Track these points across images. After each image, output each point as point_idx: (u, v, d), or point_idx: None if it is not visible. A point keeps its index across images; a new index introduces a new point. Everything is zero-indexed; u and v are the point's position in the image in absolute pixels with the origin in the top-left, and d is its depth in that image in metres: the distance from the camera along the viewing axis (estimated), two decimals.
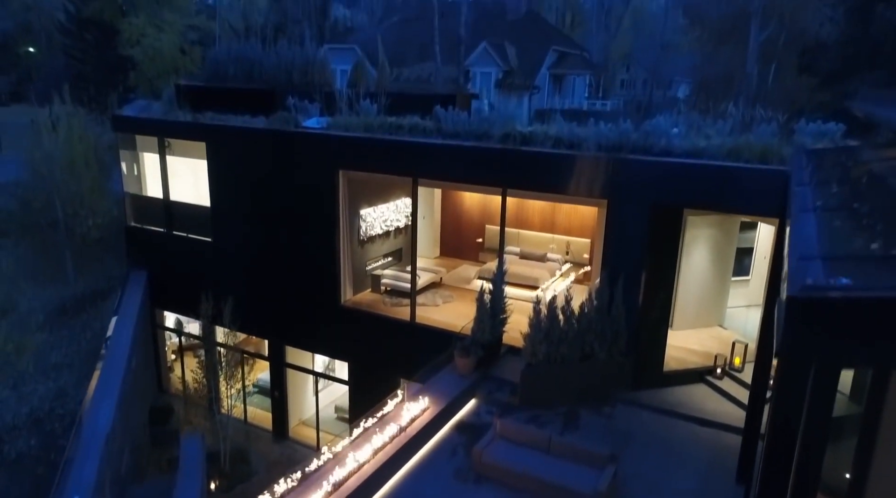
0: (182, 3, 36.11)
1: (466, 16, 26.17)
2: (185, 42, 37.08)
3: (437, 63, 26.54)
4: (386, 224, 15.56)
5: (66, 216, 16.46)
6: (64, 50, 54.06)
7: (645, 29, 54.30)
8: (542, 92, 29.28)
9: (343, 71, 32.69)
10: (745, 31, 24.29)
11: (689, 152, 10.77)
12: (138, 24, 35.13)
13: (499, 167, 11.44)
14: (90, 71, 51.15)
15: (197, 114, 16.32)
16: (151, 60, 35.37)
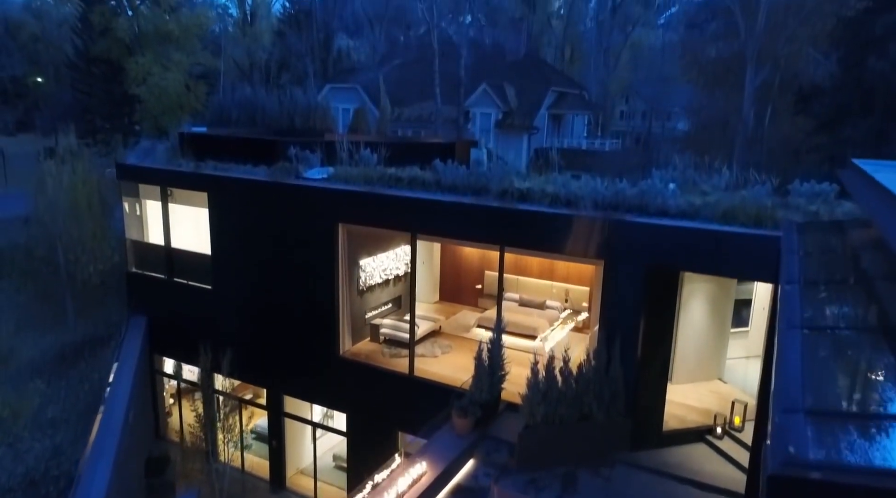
0: (188, 43, 36.77)
1: (466, 58, 26.66)
2: (189, 78, 37.68)
3: (437, 103, 26.92)
4: (385, 273, 15.64)
5: (67, 262, 16.58)
6: (71, 84, 55.02)
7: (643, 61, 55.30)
8: (542, 131, 29.64)
9: (345, 110, 33.21)
10: (740, 73, 24.69)
11: (684, 212, 10.90)
12: (144, 64, 35.73)
13: (496, 225, 11.55)
14: (96, 104, 51.99)
15: (199, 162, 16.54)
16: (157, 98, 35.91)
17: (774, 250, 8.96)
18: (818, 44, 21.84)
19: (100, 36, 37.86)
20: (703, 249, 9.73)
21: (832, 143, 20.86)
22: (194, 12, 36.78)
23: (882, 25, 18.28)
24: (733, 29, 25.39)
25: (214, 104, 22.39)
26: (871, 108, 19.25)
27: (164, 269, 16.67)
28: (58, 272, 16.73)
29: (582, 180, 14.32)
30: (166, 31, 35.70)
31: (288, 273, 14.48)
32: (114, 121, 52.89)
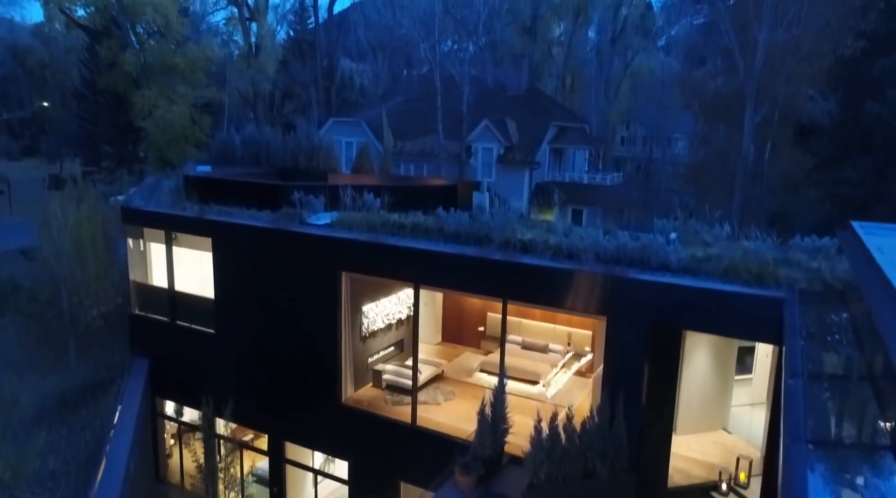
0: (194, 76, 37.25)
1: (468, 95, 26.98)
2: (194, 109, 38.09)
3: (439, 139, 27.16)
4: (388, 317, 15.67)
5: (71, 305, 16.64)
6: (77, 113, 55.69)
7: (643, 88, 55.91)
8: (543, 165, 29.87)
9: (348, 143, 33.56)
10: (739, 110, 24.94)
11: (686, 267, 10.96)
12: (150, 96, 36.15)
13: (499, 278, 11.61)
14: (101, 133, 52.54)
15: (204, 205, 16.69)
16: (162, 131, 36.27)
17: (776, 311, 9.01)
18: (816, 83, 22.12)
19: (107, 69, 38.40)
20: (705, 308, 9.76)
21: (832, 182, 21.00)
22: (200, 46, 37.30)
23: (879, 69, 18.54)
24: (732, 66, 25.74)
25: (219, 142, 22.62)
26: (870, 148, 19.43)
27: (167, 311, 16.70)
28: (61, 315, 16.78)
29: (583, 230, 14.44)
30: (172, 65, 36.19)
31: (291, 319, 14.52)
32: (119, 149, 53.50)
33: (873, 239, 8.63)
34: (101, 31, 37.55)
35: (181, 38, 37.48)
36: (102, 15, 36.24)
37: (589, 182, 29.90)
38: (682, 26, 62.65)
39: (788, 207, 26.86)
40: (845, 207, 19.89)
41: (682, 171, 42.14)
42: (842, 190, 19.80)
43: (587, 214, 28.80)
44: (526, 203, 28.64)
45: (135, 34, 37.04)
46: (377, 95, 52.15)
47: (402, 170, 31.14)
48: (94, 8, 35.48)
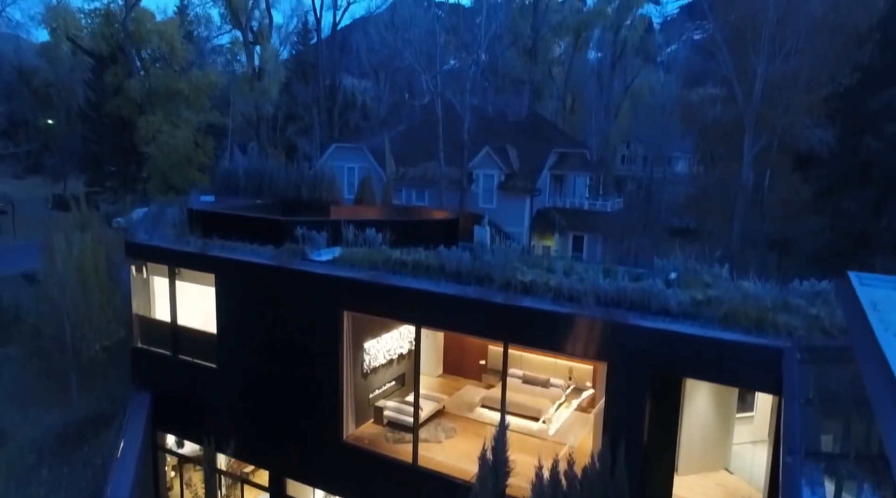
0: (198, 100, 37.64)
1: (469, 122, 27.24)
2: (198, 132, 38.46)
3: (440, 167, 27.36)
4: (389, 353, 15.71)
5: (74, 340, 16.72)
6: (82, 134, 56.20)
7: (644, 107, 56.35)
8: (544, 190, 30.06)
9: (350, 169, 33.80)
10: (738, 138, 25.14)
11: (686, 310, 11.04)
12: (155, 121, 36.54)
13: (500, 320, 11.67)
14: (106, 153, 53.01)
15: (207, 239, 16.83)
16: (166, 156, 36.61)
17: (776, 362, 9.07)
18: (814, 114, 22.34)
19: (112, 93, 38.84)
20: (705, 357, 9.82)
21: (832, 213, 21.13)
22: (205, 71, 37.76)
23: (876, 103, 18.75)
24: (731, 93, 25.97)
25: (222, 172, 22.85)
26: (868, 180, 19.59)
27: (169, 345, 16.76)
28: (64, 349, 16.85)
29: (584, 266, 14.52)
30: (177, 90, 36.61)
31: (292, 355, 14.56)
32: (123, 169, 53.94)
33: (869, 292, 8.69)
34: (107, 57, 38.04)
35: (186, 64, 37.94)
36: (108, 42, 36.73)
37: (590, 208, 30.04)
38: (682, 42, 63.29)
39: (788, 234, 26.98)
40: (844, 238, 20.01)
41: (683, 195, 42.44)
42: (841, 222, 19.90)
43: (588, 240, 28.92)
44: (527, 229, 28.78)
45: (140, 60, 37.53)
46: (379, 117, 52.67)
47: (403, 196, 31.34)
48: (101, 35, 35.96)
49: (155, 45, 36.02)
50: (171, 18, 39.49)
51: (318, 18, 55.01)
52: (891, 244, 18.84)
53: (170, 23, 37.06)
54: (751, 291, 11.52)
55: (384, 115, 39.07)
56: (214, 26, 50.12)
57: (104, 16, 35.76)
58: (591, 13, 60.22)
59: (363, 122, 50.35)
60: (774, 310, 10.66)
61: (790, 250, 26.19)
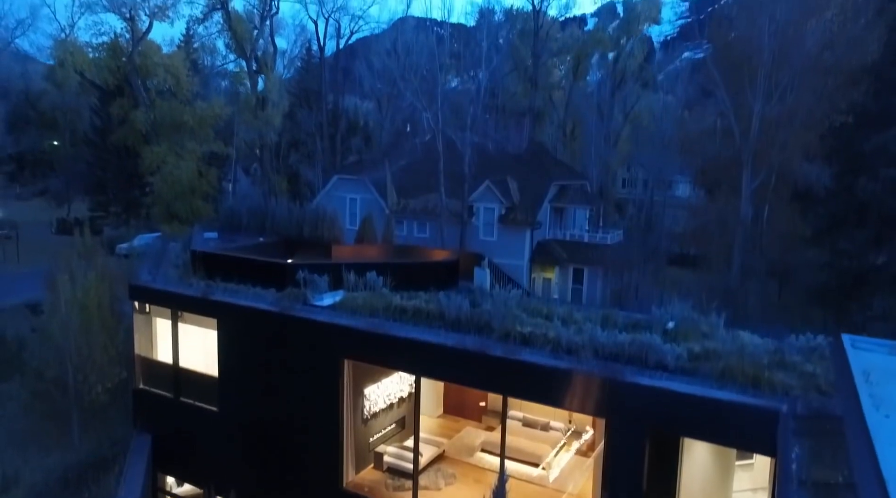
0: (202, 131, 38.08)
1: (470, 157, 27.58)
2: (201, 162, 38.85)
3: (441, 200, 27.62)
4: (389, 397, 15.76)
5: (76, 383, 16.82)
6: (87, 160, 56.72)
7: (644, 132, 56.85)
8: (544, 222, 30.28)
9: (352, 199, 34.12)
10: (736, 172, 25.37)
11: (683, 365, 11.15)
12: (160, 152, 36.95)
13: (499, 374, 11.78)
14: (110, 179, 53.45)
15: (209, 280, 17.01)
16: (170, 187, 36.95)
17: (772, 423, 9.16)
18: (811, 152, 22.63)
19: (118, 124, 39.34)
20: (702, 417, 9.90)
21: (829, 252, 21.29)
22: (210, 103, 38.25)
23: (871, 145, 19.00)
24: (729, 128, 26.25)
25: (226, 210, 23.13)
26: (865, 220, 19.77)
27: (171, 387, 16.84)
28: (66, 391, 16.95)
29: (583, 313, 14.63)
30: (181, 122, 37.07)
31: (293, 401, 14.64)
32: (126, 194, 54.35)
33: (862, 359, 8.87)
34: (113, 89, 38.62)
35: (191, 95, 38.48)
36: (115, 75, 37.32)
37: (590, 241, 30.23)
38: (682, 61, 63.94)
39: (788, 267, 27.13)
40: (843, 276, 20.15)
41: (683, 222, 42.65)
42: (839, 261, 20.05)
43: (588, 274, 29.10)
44: (527, 262, 28.96)
45: (146, 91, 38.05)
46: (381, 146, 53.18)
47: (405, 227, 31.57)
48: (107, 68, 36.56)
49: (161, 79, 36.57)
50: (177, 50, 40.11)
51: (322, 47, 55.91)
52: (890, 284, 18.95)
53: (175, 55, 37.67)
54: (747, 344, 11.63)
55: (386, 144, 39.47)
56: (219, 55, 50.91)
57: (111, 49, 36.41)
58: (590, 40, 61.00)
59: (366, 151, 50.78)
60: (771, 367, 10.77)
61: (790, 283, 26.34)
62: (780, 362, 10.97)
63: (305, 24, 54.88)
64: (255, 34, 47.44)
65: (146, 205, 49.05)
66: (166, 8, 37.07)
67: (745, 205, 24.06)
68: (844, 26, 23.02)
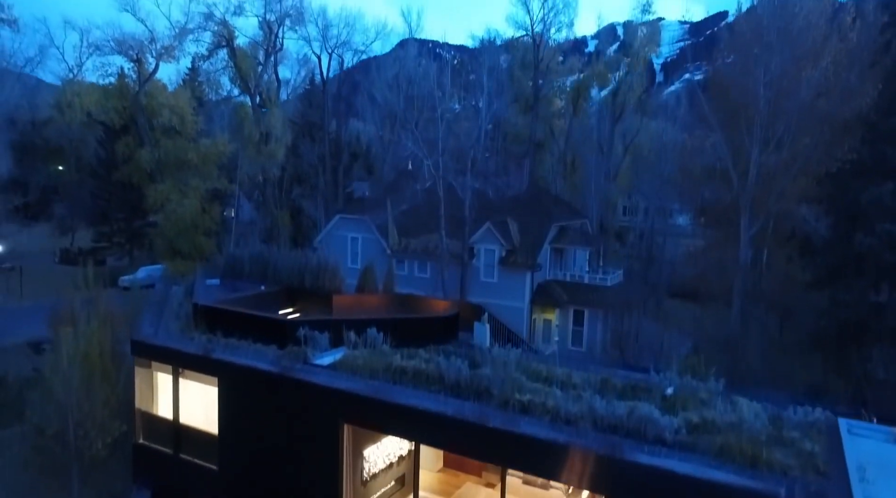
0: (206, 168, 38.46)
1: (470, 201, 27.84)
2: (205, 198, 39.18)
3: (442, 241, 27.83)
4: (389, 456, 15.73)
5: (77, 438, 16.85)
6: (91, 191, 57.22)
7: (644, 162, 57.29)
8: (544, 263, 30.44)
9: (354, 238, 34.33)
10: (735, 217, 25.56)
11: (682, 440, 11.19)
12: (163, 190, 37.30)
13: (498, 446, 11.81)
14: (114, 209, 53.87)
15: (211, 335, 17.12)
16: (173, 224, 37.23)
17: None
18: (808, 200, 22.86)
19: (123, 162, 39.82)
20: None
21: (829, 301, 21.39)
22: (214, 141, 38.69)
23: (867, 199, 19.21)
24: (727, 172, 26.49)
25: (228, 257, 23.33)
26: (863, 271, 19.89)
27: (171, 444, 16.85)
28: (66, 447, 16.95)
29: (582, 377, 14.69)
30: (186, 160, 37.50)
31: (293, 462, 14.64)
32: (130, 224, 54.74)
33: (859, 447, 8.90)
34: (119, 129, 39.18)
35: (196, 134, 38.97)
36: (121, 115, 37.90)
37: (590, 282, 30.34)
38: (682, 82, 64.60)
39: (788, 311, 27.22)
40: (842, 327, 20.23)
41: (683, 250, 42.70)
42: (838, 311, 20.15)
43: (588, 316, 29.17)
44: (528, 304, 29.07)
45: (151, 130, 38.55)
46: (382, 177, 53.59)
47: (406, 267, 31.73)
48: (114, 109, 37.14)
49: (165, 120, 37.11)
50: (182, 88, 40.75)
51: (325, 81, 56.66)
52: (890, 335, 19.00)
53: (181, 94, 38.24)
54: (746, 417, 11.65)
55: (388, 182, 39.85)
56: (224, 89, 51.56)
57: (118, 89, 37.02)
58: (590, 73, 61.82)
59: (367, 179, 51.28)
60: (769, 443, 10.81)
61: (791, 325, 26.38)
62: (779, 439, 11.01)
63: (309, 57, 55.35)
64: (259, 70, 48.18)
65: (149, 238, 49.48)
66: (172, 49, 37.74)
67: (745, 250, 24.22)
68: (839, 76, 23.40)
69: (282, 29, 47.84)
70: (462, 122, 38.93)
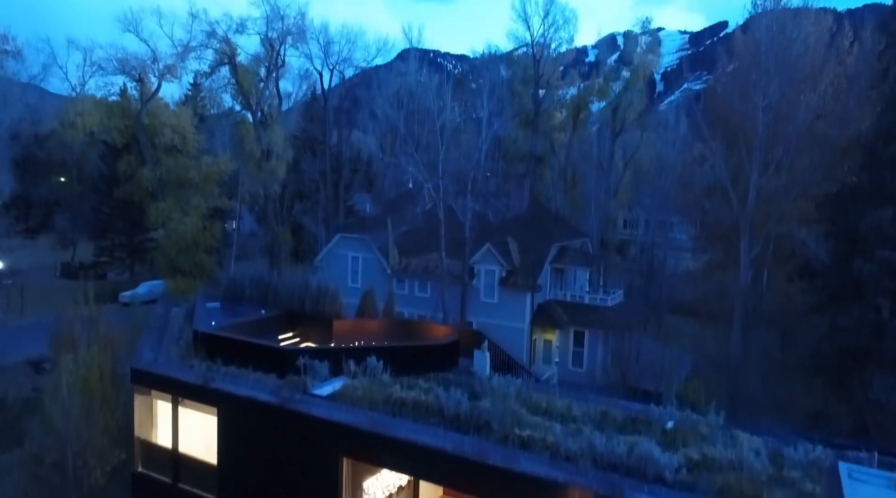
0: (207, 186, 38.55)
1: (471, 222, 27.88)
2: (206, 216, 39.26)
3: (442, 263, 27.87)
4: (388, 488, 15.66)
5: (76, 468, 16.77)
6: (93, 206, 57.30)
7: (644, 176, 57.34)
8: (545, 283, 30.42)
9: (354, 258, 34.37)
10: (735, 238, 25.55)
11: (681, 479, 11.15)
12: (165, 209, 37.38)
13: (498, 484, 11.75)
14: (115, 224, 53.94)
15: (211, 362, 17.11)
16: (174, 243, 37.26)
17: None
18: (808, 224, 22.91)
19: (124, 180, 39.97)
20: None
21: (829, 328, 21.38)
22: (215, 159, 38.79)
23: (866, 226, 19.25)
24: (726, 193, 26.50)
25: (228, 280, 23.37)
26: (863, 296, 19.90)
27: (170, 473, 16.79)
28: (65, 476, 16.87)
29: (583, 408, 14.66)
30: (187, 179, 37.60)
31: (292, 494, 14.59)
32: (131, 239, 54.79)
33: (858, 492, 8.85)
34: (121, 147, 39.37)
35: (197, 152, 39.11)
36: (123, 134, 38.09)
37: (590, 302, 30.31)
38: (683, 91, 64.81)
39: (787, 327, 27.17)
40: (843, 353, 20.20)
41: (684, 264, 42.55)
42: (839, 338, 20.13)
43: (589, 336, 29.14)
44: (528, 325, 29.02)
45: (153, 148, 38.70)
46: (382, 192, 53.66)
47: (406, 286, 31.69)
48: (116, 129, 37.33)
49: (167, 140, 37.28)
50: (184, 107, 40.93)
51: (326, 96, 56.88)
52: (890, 362, 18.97)
53: (182, 113, 38.41)
54: (746, 456, 11.61)
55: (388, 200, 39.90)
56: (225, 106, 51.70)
57: (120, 108, 37.24)
58: (590, 89, 62.04)
59: (370, 200, 51.35)
60: (770, 484, 10.76)
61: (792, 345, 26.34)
62: (780, 479, 10.97)
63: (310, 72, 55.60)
64: (261, 86, 48.39)
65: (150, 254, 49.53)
66: (175, 68, 37.96)
67: (745, 272, 24.23)
68: (837, 99, 23.50)
69: (283, 47, 48.17)
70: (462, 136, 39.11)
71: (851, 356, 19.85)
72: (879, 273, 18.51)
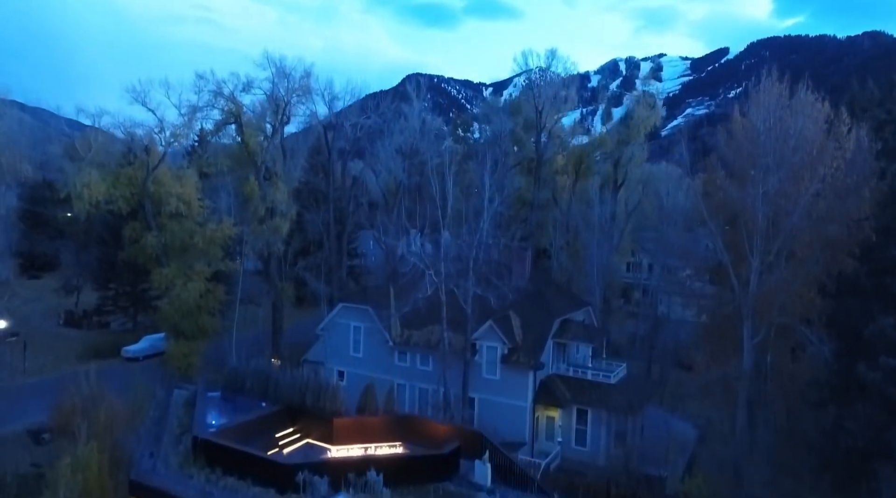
0: (211, 251, 38.74)
1: (472, 306, 27.98)
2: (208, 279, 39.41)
3: (444, 341, 27.87)
4: None
5: None
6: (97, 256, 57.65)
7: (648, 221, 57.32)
8: (547, 357, 30.31)
9: (356, 327, 34.34)
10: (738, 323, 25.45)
11: None
12: (168, 274, 37.51)
13: None
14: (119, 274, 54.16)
15: (210, 471, 17.05)
16: (177, 309, 37.28)
17: None
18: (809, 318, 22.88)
19: (129, 244, 40.29)
20: None
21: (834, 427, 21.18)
22: (219, 225, 39.01)
23: (870, 332, 19.23)
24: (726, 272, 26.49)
25: (230, 370, 23.41)
26: (867, 398, 19.76)
27: None
28: None
29: None
30: (191, 244, 37.81)
31: None
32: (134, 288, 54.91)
33: None
34: (126, 215, 39.79)
35: (202, 219, 39.40)
36: (128, 202, 38.49)
37: (593, 378, 30.16)
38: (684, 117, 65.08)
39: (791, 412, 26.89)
40: (848, 454, 19.99)
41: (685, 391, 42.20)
42: (843, 438, 19.91)
43: (592, 414, 28.90)
44: (530, 403, 28.82)
45: (157, 214, 39.05)
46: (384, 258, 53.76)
47: (408, 359, 31.57)
48: (122, 197, 37.76)
49: (172, 208, 37.66)
50: (188, 169, 41.53)
51: (329, 151, 57.47)
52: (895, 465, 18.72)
53: (187, 180, 38.90)
54: None
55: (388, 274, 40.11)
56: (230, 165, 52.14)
57: (126, 177, 37.77)
58: (592, 143, 62.57)
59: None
60: None
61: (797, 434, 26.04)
62: None
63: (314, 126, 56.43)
64: (265, 144, 48.93)
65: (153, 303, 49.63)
66: (181, 135, 38.54)
67: (748, 360, 24.13)
68: (837, 194, 23.64)
69: (289, 107, 48.78)
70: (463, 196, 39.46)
71: (858, 458, 19.59)
72: (884, 380, 18.42)
